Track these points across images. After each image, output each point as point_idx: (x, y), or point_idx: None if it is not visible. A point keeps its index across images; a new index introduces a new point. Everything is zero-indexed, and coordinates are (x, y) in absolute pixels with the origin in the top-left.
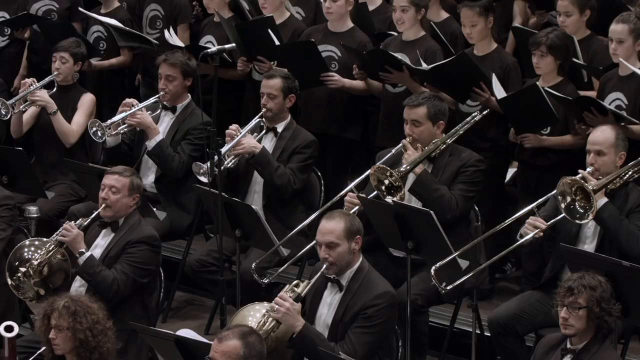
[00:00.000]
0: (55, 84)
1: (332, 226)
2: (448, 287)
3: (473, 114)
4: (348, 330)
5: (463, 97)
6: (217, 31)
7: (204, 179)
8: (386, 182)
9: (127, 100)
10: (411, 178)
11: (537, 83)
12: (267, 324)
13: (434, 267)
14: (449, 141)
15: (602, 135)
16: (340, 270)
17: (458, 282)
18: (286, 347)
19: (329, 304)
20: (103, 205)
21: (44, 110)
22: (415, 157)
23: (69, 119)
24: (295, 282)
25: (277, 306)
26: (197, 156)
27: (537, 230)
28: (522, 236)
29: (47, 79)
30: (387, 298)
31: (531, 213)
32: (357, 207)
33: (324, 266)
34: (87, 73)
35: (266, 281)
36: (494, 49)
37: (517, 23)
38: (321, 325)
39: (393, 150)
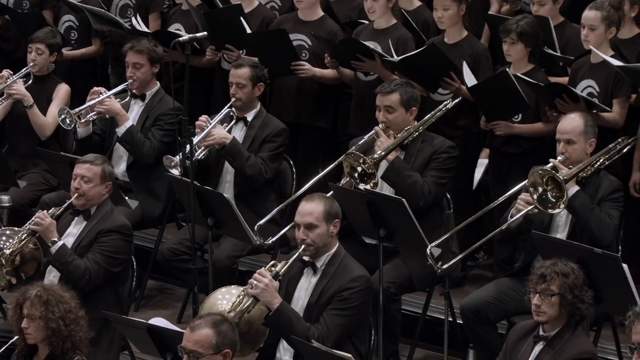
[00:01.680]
0: (31, 75)
1: (311, 207)
2: (444, 266)
3: (445, 102)
4: (323, 313)
5: (433, 87)
6: (184, 19)
7: (175, 172)
8: (359, 168)
9: (95, 88)
10: (383, 165)
11: (507, 69)
12: (243, 303)
13: (429, 247)
14: (421, 129)
15: (571, 123)
16: (317, 253)
17: (453, 261)
18: (261, 324)
19: (306, 288)
20: (75, 195)
21: (19, 101)
22: (388, 144)
23: (44, 110)
24: (272, 262)
25: (255, 282)
26: (168, 141)
27: (531, 207)
28: (512, 216)
29: (23, 71)
30: (363, 282)
31: (507, 201)
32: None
33: (301, 248)
34: (59, 63)
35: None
36: (464, 37)
37: (492, 10)
38: (298, 310)
39: (365, 137)
